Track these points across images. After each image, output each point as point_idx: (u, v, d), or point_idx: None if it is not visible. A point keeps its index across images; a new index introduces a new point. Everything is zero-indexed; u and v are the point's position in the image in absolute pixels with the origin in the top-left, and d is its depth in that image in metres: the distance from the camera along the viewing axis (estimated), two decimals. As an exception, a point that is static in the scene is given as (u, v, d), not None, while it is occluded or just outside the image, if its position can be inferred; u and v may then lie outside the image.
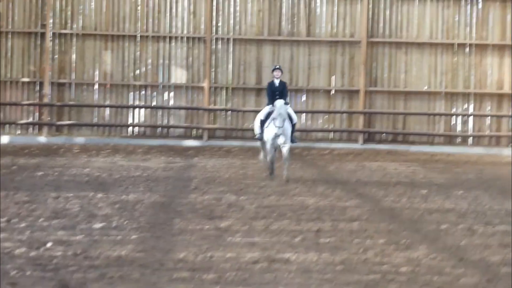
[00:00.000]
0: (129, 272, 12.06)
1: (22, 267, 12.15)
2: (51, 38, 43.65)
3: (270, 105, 24.77)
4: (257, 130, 25.56)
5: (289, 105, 24.84)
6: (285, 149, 24.57)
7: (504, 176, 29.79)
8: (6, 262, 12.47)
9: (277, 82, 25.35)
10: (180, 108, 44.26)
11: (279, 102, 24.16)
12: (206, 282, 11.50)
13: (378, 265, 13.04)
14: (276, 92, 25.06)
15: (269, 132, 24.39)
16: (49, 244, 14.10)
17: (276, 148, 24.60)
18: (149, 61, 44.10)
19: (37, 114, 43.90)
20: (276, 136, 24.12)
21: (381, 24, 44.19)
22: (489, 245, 15.22)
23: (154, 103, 44.31)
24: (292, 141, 25.05)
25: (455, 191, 24.62)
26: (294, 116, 25.05)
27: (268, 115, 24.51)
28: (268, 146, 24.79)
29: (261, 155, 26.36)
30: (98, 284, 11.19)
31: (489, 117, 44.31)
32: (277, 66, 26.66)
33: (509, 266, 13.24)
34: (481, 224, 17.95)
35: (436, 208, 20.64)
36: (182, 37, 44.09)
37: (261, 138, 25.24)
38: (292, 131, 24.82)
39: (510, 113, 43.74)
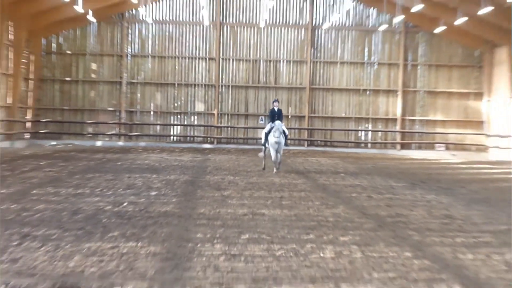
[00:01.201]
0: (171, 220, 12.08)
1: (110, 217, 12.16)
2: (126, 85, 43.64)
3: (271, 123, 23.79)
4: (263, 139, 24.46)
5: (283, 124, 23.69)
6: (279, 153, 23.58)
7: (389, 166, 29.80)
8: (100, 215, 12.48)
9: (276, 109, 24.32)
10: (200, 125, 44.17)
11: (278, 122, 23.31)
12: (216, 226, 11.53)
13: (316, 216, 13.06)
14: (275, 115, 24.08)
15: (271, 140, 23.41)
16: (125, 204, 14.12)
17: (276, 151, 23.41)
18: (182, 98, 44.03)
19: (117, 129, 43.94)
20: (275, 143, 23.17)
21: (317, 78, 44.16)
22: (380, 205, 15.26)
23: (185, 123, 44.27)
24: (286, 145, 24.24)
25: (360, 174, 24.62)
26: (286, 131, 24.00)
27: (270, 130, 23.57)
28: (270, 150, 23.71)
29: (261, 154, 25.27)
30: (153, 227, 11.22)
31: (380, 132, 44.45)
32: (276, 99, 25.62)
33: (394, 217, 13.31)
34: (375, 193, 17.96)
35: (349, 184, 20.64)
36: (201, 84, 44.07)
37: (265, 145, 24.25)
38: (285, 140, 23.82)
39: (392, 129, 44.01)
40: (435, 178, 23.83)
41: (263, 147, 24.72)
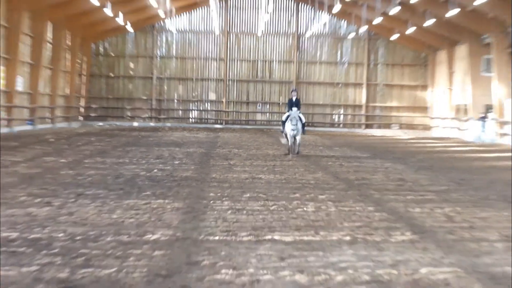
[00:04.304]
0: (190, 182, 12.04)
1: (143, 180, 12.12)
2: (155, 79, 43.67)
3: (288, 112, 19.79)
4: (281, 127, 20.57)
5: (300, 112, 19.84)
6: (297, 138, 19.60)
7: (356, 141, 29.82)
8: (136, 178, 12.45)
9: (294, 98, 20.43)
10: (212, 110, 44.32)
11: (294, 110, 19.43)
12: (224, 187, 11.50)
13: (300, 180, 13.03)
14: (293, 104, 20.00)
15: (288, 128, 19.45)
16: (155, 170, 14.09)
17: (294, 137, 19.49)
18: (198, 89, 44.17)
19: (149, 113, 43.98)
20: (292, 130, 19.18)
21: (302, 74, 44.21)
22: (349, 171, 15.24)
23: (201, 108, 44.36)
24: (303, 132, 20.03)
25: (334, 147, 24.61)
26: (303, 118, 20.02)
27: (287, 117, 19.69)
28: (288, 136, 19.77)
29: (283, 140, 21.60)
30: (177, 188, 11.18)
31: (350, 115, 44.51)
32: (294, 89, 22.44)
33: (360, 180, 13.28)
34: (346, 162, 17.97)
35: (326, 155, 20.64)
36: (213, 79, 44.16)
37: (283, 131, 20.40)
38: (303, 127, 19.77)
39: (359, 113, 44.01)
40: (391, 150, 23.84)
41: (284, 134, 20.73)
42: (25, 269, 5.44)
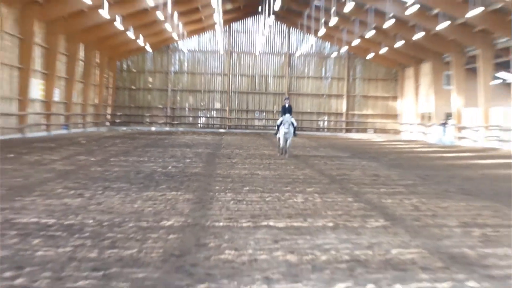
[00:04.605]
0: (199, 178, 12.00)
1: (160, 176, 12.06)
2: (170, 91, 43.62)
3: (282, 117, 18.69)
4: (276, 130, 19.70)
5: (292, 117, 18.80)
6: (289, 141, 18.66)
7: (338, 143, 29.79)
8: (153, 174, 12.40)
9: (286, 105, 19.30)
10: (217, 117, 44.32)
11: (287, 115, 18.39)
12: (227, 181, 11.45)
13: (291, 176, 13.00)
14: (286, 110, 18.95)
15: (281, 131, 18.59)
16: (169, 167, 14.04)
17: (286, 140, 18.56)
18: (206, 99, 44.13)
19: (164, 119, 43.91)
20: (285, 133, 18.30)
21: (292, 87, 44.24)
22: (332, 168, 15.21)
23: (207, 115, 44.34)
24: (294, 135, 18.94)
25: (320, 148, 24.57)
26: (295, 122, 18.82)
27: (281, 122, 18.62)
28: (280, 139, 18.93)
29: (278, 144, 20.22)
30: (188, 182, 11.14)
31: (332, 121, 44.57)
32: (287, 97, 21.21)
33: (341, 176, 13.26)
34: (329, 160, 17.93)
35: (312, 155, 20.58)
36: (218, 91, 44.20)
37: (276, 134, 19.60)
38: (294, 130, 18.73)
39: (340, 120, 43.97)
40: (367, 151, 23.81)
41: (277, 137, 19.83)
42: (61, 249, 5.43)
